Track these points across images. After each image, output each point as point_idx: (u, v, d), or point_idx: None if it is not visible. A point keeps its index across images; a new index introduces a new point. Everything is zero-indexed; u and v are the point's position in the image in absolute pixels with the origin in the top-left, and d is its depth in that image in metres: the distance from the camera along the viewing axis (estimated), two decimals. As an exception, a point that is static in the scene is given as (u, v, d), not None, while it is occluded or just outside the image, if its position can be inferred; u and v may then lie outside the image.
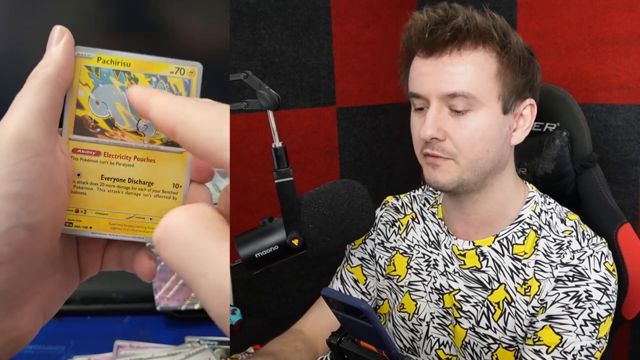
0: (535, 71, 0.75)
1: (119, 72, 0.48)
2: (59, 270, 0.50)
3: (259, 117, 1.32)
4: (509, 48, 0.71)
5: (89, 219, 0.49)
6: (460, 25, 0.70)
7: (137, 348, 0.86)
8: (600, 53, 1.20)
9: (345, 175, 1.52)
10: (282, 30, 1.36)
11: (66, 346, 0.90)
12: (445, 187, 0.74)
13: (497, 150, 0.73)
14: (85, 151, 0.48)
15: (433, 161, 0.73)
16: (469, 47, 0.71)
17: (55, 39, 0.45)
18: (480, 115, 0.71)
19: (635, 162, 1.19)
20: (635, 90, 1.17)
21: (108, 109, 0.48)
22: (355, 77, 1.48)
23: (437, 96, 0.71)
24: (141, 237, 0.49)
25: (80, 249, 0.52)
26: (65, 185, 0.46)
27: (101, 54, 0.47)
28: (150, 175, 0.49)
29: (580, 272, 0.72)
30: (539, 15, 1.29)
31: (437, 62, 0.71)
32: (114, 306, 0.97)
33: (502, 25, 0.72)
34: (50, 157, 0.43)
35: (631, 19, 1.15)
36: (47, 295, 0.49)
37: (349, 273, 0.91)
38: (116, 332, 0.91)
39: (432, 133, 0.71)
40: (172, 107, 0.42)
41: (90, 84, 0.48)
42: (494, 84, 0.71)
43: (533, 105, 0.75)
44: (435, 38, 0.70)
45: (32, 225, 0.42)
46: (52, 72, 0.44)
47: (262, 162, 1.35)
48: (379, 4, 1.49)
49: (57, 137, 0.45)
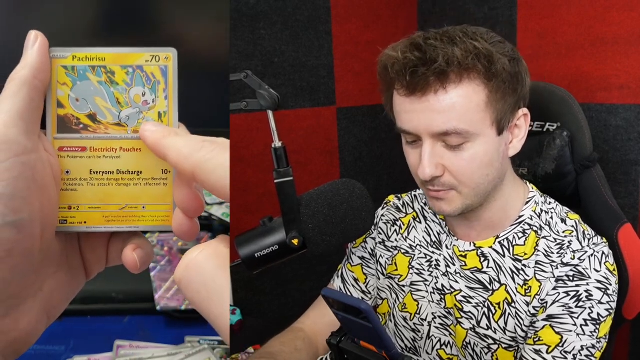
0: (524, 78, 0.72)
1: (95, 67, 0.49)
2: (61, 269, 0.50)
3: (259, 117, 1.32)
4: (496, 74, 0.68)
5: (82, 215, 0.50)
6: (443, 69, 0.66)
7: (137, 348, 0.87)
8: (600, 53, 1.20)
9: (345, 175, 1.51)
10: (282, 30, 1.36)
11: (66, 346, 0.90)
12: (452, 214, 0.74)
13: (497, 170, 0.72)
14: (71, 148, 0.49)
15: (436, 195, 0.72)
16: (454, 80, 0.67)
17: (30, 43, 0.47)
18: (477, 145, 0.69)
19: (636, 162, 1.19)
20: (635, 90, 1.17)
21: (89, 105, 0.49)
22: (355, 77, 1.48)
23: (429, 134, 0.69)
24: (136, 227, 0.51)
25: (83, 246, 0.52)
26: (52, 183, 0.47)
27: (76, 52, 0.49)
28: (137, 164, 0.50)
29: (580, 272, 0.72)
30: (539, 15, 1.29)
31: (422, 100, 0.68)
32: (114, 306, 0.98)
33: (485, 51, 0.67)
34: (33, 156, 0.45)
35: (631, 19, 1.15)
36: (50, 295, 0.49)
37: (350, 272, 0.91)
38: (116, 332, 0.91)
39: (431, 173, 0.69)
40: (187, 150, 0.45)
41: (68, 83, 0.49)
42: (485, 112, 0.69)
43: (527, 115, 0.74)
44: (418, 81, 0.66)
45: (18, 223, 0.43)
46: (28, 75, 0.46)
47: (262, 162, 1.35)
48: (379, 4, 1.49)
49: (39, 137, 0.46)
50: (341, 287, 0.91)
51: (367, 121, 1.52)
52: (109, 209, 0.50)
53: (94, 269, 0.53)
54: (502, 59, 0.68)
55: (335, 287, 0.92)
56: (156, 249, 1.06)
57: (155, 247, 1.07)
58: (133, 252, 0.50)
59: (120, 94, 0.50)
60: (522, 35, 1.32)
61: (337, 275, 0.93)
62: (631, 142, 1.19)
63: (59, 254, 0.50)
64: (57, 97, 0.49)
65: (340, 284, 0.91)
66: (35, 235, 0.45)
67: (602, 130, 1.21)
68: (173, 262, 1.04)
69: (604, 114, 1.21)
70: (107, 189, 0.50)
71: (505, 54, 0.69)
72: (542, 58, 1.29)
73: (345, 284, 0.91)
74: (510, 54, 0.70)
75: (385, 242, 0.88)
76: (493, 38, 0.70)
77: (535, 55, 1.30)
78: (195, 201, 0.48)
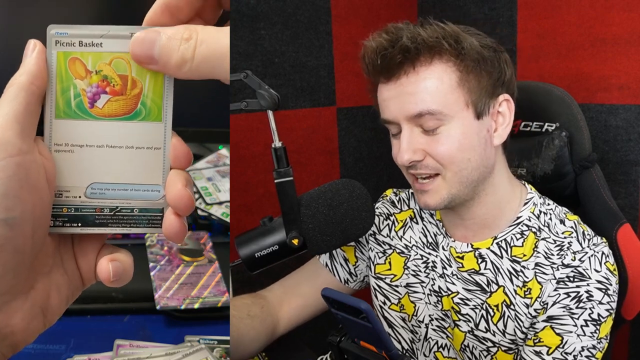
0: (503, 66, 0.73)
1: None
2: (56, 270, 0.52)
3: (259, 117, 1.32)
4: (464, 54, 0.69)
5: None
6: (407, 45, 0.68)
7: (137, 347, 0.87)
8: (600, 53, 1.20)
9: (345, 175, 1.51)
10: (282, 30, 1.36)
11: (66, 345, 0.90)
12: (437, 207, 0.74)
13: (479, 156, 0.72)
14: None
15: (421, 187, 0.73)
16: (424, 62, 0.69)
17: (29, 51, 0.49)
18: (453, 128, 0.70)
19: (635, 162, 1.19)
20: (635, 90, 1.17)
21: None
22: (355, 78, 1.48)
23: (405, 118, 0.71)
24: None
25: (76, 250, 0.54)
26: (45, 185, 0.49)
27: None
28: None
29: (580, 273, 0.71)
30: (539, 15, 1.29)
31: (396, 85, 0.70)
32: (114, 305, 0.98)
33: (452, 32, 0.70)
34: (27, 157, 0.47)
35: (631, 19, 1.15)
36: (45, 294, 0.51)
37: (341, 251, 0.90)
38: (116, 331, 0.92)
39: (409, 157, 0.70)
40: None
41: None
42: (458, 93, 0.70)
43: (509, 101, 0.74)
44: (388, 63, 0.69)
45: (10, 221, 0.45)
46: (25, 81, 0.48)
47: (262, 162, 1.35)
48: (379, 4, 1.49)
49: (34, 140, 0.49)
50: (327, 262, 0.90)
51: (368, 121, 1.52)
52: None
53: (87, 277, 0.54)
54: (469, 39, 0.70)
55: (321, 262, 0.91)
56: (156, 248, 1.06)
57: (155, 246, 1.07)
58: (109, 263, 0.52)
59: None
60: (522, 35, 1.32)
61: None
62: (631, 142, 1.19)
63: (52, 255, 0.51)
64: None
65: (327, 260, 0.90)
66: (27, 234, 0.47)
67: (602, 131, 1.21)
68: (173, 261, 1.04)
69: (603, 114, 1.21)
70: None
71: (478, 39, 0.71)
72: (542, 58, 1.29)
73: (332, 261, 0.90)
74: (486, 43, 0.72)
75: (376, 234, 0.88)
76: (470, 30, 0.72)
77: (535, 55, 1.30)
78: (186, 199, 0.50)
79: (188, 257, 1.06)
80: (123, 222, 0.52)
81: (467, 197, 0.74)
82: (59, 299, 0.52)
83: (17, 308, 0.48)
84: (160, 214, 0.52)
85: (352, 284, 0.90)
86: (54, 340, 0.90)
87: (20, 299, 0.49)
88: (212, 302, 0.97)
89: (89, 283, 0.55)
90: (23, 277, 0.48)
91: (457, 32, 0.70)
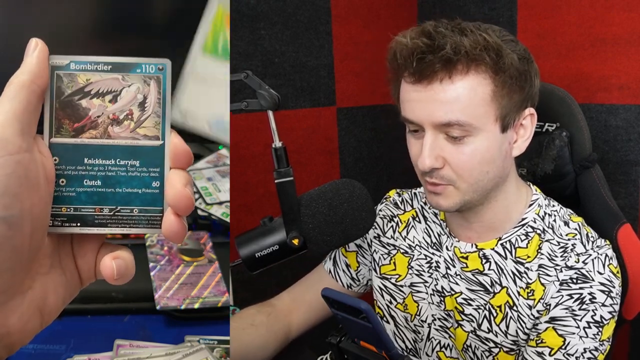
0: (534, 79, 0.72)
1: None
2: (54, 270, 0.51)
3: (259, 117, 1.32)
4: (504, 70, 0.67)
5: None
6: (450, 57, 0.66)
7: (137, 347, 0.87)
8: (600, 53, 1.20)
9: (346, 175, 1.51)
10: (282, 30, 1.36)
11: (66, 345, 0.90)
12: (448, 210, 0.73)
13: (498, 168, 0.71)
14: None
15: (433, 189, 0.72)
16: (461, 71, 0.67)
17: (30, 50, 0.49)
18: (479, 140, 0.69)
19: (635, 162, 1.19)
20: (635, 90, 1.17)
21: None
22: (355, 78, 1.48)
23: (431, 124, 0.69)
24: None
25: (75, 250, 0.53)
26: (44, 184, 0.48)
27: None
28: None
29: (584, 275, 0.71)
30: (539, 15, 1.29)
31: (427, 89, 0.68)
32: (114, 305, 0.97)
33: (494, 44, 0.67)
34: (26, 156, 0.46)
35: (631, 19, 1.15)
36: (43, 294, 0.50)
37: (343, 257, 0.91)
38: (116, 331, 0.91)
39: (431, 164, 0.69)
40: None
41: None
42: (490, 107, 0.68)
43: (533, 115, 0.73)
44: (424, 68, 0.66)
45: (8, 220, 0.45)
46: (26, 79, 0.48)
47: (262, 162, 1.35)
48: (379, 4, 1.49)
49: (34, 139, 0.48)
50: (331, 269, 0.91)
51: (368, 121, 1.52)
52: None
53: (86, 276, 0.54)
54: (510, 54, 0.68)
55: (325, 269, 0.92)
56: (156, 248, 1.06)
57: (155, 247, 1.07)
58: (112, 260, 0.51)
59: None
60: (522, 35, 1.32)
61: (329, 257, 0.92)
62: (631, 142, 1.19)
63: (51, 255, 0.51)
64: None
65: (330, 266, 0.91)
66: (25, 233, 0.46)
67: (602, 131, 1.21)
68: (173, 261, 1.04)
69: (603, 114, 1.21)
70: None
71: (516, 51, 0.69)
72: (542, 58, 1.29)
73: (335, 267, 0.91)
74: (521, 53, 0.70)
75: (380, 237, 0.88)
76: (505, 36, 0.70)
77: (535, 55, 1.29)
78: (186, 199, 0.50)
79: (188, 257, 1.06)
80: (122, 222, 0.52)
81: (478, 203, 0.74)
82: (56, 299, 0.51)
83: (14, 308, 0.48)
84: (160, 214, 0.52)
85: (356, 287, 0.91)
86: (54, 340, 0.90)
87: (18, 299, 0.48)
88: (212, 302, 0.97)
89: (87, 283, 0.54)
90: (21, 277, 0.48)
91: (499, 45, 0.67)
